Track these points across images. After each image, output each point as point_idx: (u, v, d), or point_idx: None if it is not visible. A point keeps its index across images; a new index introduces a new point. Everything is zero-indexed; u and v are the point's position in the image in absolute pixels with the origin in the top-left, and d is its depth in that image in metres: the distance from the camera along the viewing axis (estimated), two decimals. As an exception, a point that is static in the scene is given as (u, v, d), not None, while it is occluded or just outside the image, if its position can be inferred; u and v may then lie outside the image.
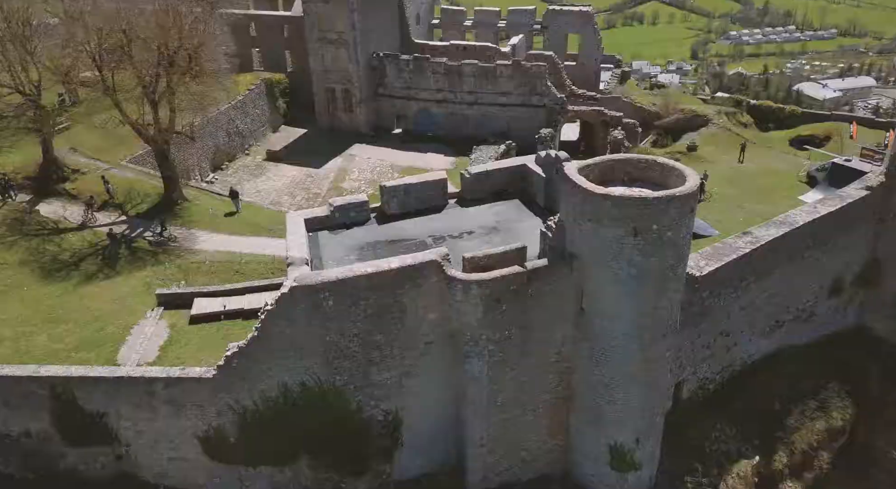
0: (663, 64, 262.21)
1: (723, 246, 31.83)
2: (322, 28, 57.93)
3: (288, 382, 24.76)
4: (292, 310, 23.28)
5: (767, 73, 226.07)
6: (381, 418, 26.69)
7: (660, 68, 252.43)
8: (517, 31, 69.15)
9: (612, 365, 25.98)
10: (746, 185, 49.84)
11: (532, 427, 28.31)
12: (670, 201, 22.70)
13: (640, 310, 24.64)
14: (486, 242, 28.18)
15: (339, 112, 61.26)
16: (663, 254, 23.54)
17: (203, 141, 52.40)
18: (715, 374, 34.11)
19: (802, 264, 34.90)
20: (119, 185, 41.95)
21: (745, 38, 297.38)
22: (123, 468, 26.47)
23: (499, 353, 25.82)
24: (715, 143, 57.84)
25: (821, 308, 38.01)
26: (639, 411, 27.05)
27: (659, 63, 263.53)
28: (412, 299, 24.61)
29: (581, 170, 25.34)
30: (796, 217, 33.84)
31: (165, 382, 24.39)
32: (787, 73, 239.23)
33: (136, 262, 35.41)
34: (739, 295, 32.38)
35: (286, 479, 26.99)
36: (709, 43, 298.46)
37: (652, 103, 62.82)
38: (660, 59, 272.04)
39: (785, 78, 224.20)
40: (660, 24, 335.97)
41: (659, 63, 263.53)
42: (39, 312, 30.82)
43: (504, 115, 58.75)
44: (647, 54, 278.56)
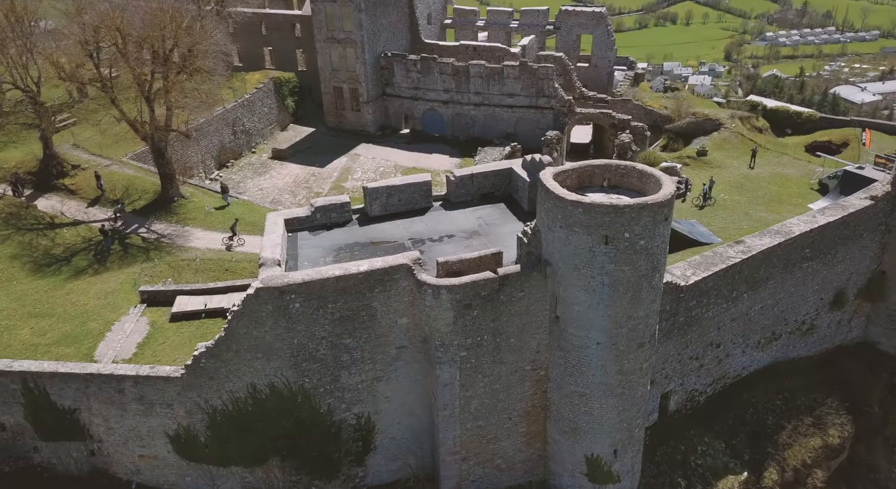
0: (695, 65, 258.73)
1: (713, 255, 31.23)
2: (330, 27, 58.22)
3: (257, 383, 24.87)
4: (258, 312, 23.37)
5: (804, 75, 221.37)
6: (353, 422, 26.69)
7: (691, 70, 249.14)
8: (530, 31, 68.70)
9: (586, 375, 25.62)
10: (755, 191, 48.82)
11: (508, 435, 28.07)
12: (642, 209, 22.30)
13: (614, 319, 24.24)
14: (466, 246, 28.06)
15: (346, 111, 61.51)
16: (636, 263, 23.14)
17: (208, 138, 53.11)
18: (705, 387, 33.50)
19: (800, 275, 34.09)
20: (118, 182, 42.65)
21: (782, 40, 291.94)
22: (96, 464, 26.87)
23: (471, 360, 25.64)
24: (726, 147, 56.79)
25: (822, 321, 37.11)
26: (616, 423, 26.63)
27: (691, 64, 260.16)
28: (382, 303, 24.56)
29: (558, 175, 25.07)
30: (793, 226, 33.05)
31: (134, 380, 24.68)
32: (825, 76, 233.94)
33: (126, 259, 35.95)
34: (730, 306, 31.74)
35: (257, 480, 27.11)
36: (743, 44, 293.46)
37: (663, 106, 61.89)
38: (692, 60, 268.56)
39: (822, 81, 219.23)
40: (693, 24, 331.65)
41: (691, 64, 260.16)
42: (25, 306, 31.43)
43: (511, 117, 58.44)
44: (678, 55, 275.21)
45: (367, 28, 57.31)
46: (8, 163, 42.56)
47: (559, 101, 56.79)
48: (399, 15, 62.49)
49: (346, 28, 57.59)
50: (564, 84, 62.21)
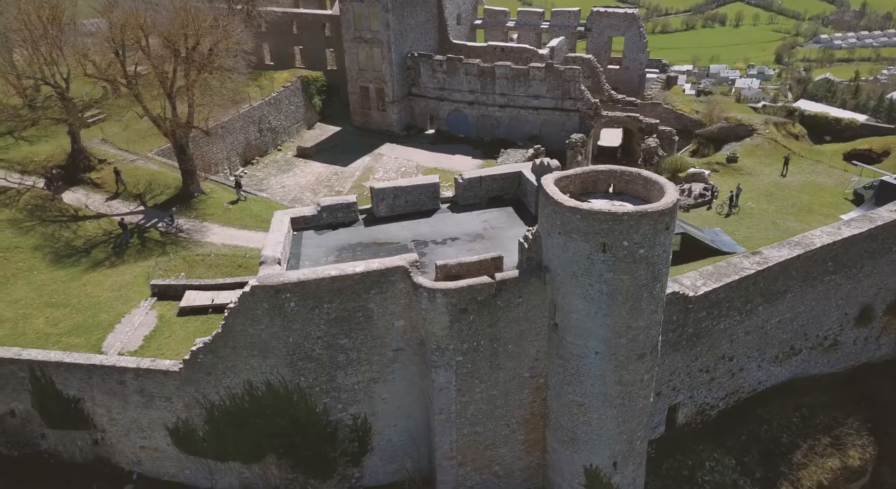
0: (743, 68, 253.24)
1: (726, 265, 30.53)
2: (358, 27, 58.72)
3: (253, 380, 25.25)
4: (254, 310, 23.72)
5: (859, 79, 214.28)
6: (350, 423, 26.88)
7: (738, 72, 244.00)
8: (560, 32, 68.18)
9: (585, 384, 25.30)
10: (785, 200, 47.59)
11: (506, 442, 27.92)
12: (642, 217, 21.91)
13: (613, 329, 23.88)
14: (468, 250, 27.99)
15: (372, 111, 61.95)
16: (636, 272, 22.75)
17: (234, 136, 54.11)
18: (718, 401, 32.76)
19: (822, 289, 33.08)
20: (142, 176, 43.77)
21: (838, 42, 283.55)
22: (100, 453, 27.64)
23: (467, 365, 25.57)
24: (758, 154, 55.44)
25: (846, 337, 35.95)
26: (615, 434, 26.23)
27: (738, 67, 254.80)
28: (379, 305, 24.68)
29: (560, 180, 24.84)
30: (814, 238, 32.07)
31: (135, 373, 25.31)
32: (882, 80, 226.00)
33: (143, 252, 36.87)
34: (744, 318, 30.97)
35: (255, 477, 27.53)
36: (795, 46, 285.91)
37: (694, 111, 60.75)
38: (740, 62, 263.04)
39: (879, 85, 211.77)
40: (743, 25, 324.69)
41: (738, 67, 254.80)
42: (43, 296, 32.50)
43: (536, 119, 58.08)
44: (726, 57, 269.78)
45: (393, 28, 57.62)
46: (39, 156, 44.09)
47: (585, 104, 56.21)
48: (427, 15, 62.67)
49: (374, 28, 58.01)
50: (593, 86, 61.59)
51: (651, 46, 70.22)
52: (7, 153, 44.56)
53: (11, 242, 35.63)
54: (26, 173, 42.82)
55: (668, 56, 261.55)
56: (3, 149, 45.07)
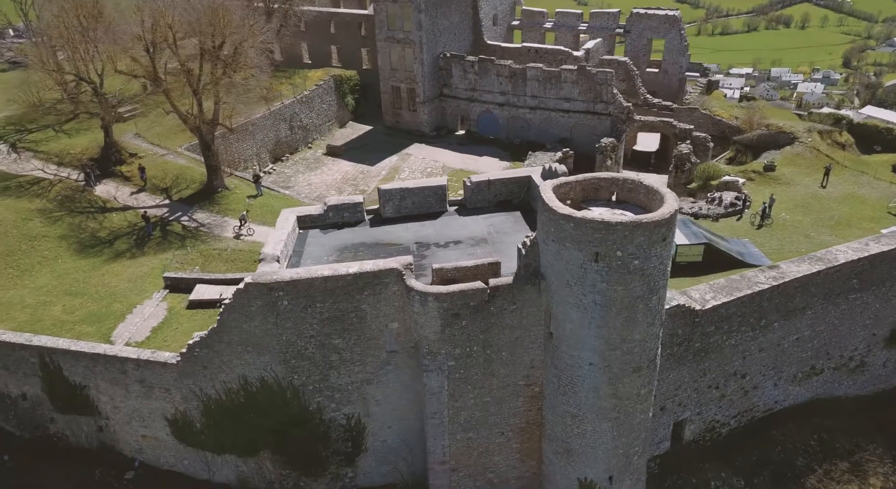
0: (807, 72, 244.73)
1: (740, 279, 29.62)
2: (391, 27, 59.11)
3: (248, 376, 25.70)
4: (248, 307, 24.15)
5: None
6: (344, 423, 27.11)
7: (802, 76, 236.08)
8: (599, 34, 67.33)
9: (579, 395, 24.92)
10: (822, 212, 45.98)
11: (500, 450, 27.74)
12: (636, 228, 21.43)
13: (607, 340, 23.44)
14: (470, 254, 27.90)
15: (403, 111, 62.28)
16: (630, 283, 22.27)
17: (264, 133, 55.17)
18: (729, 418, 31.83)
19: (846, 308, 31.79)
20: (170, 171, 45.06)
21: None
22: (104, 439, 28.58)
23: (460, 370, 25.50)
24: (798, 163, 53.64)
25: (875, 358, 34.46)
26: (611, 448, 25.76)
27: (802, 71, 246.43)
28: (372, 306, 24.81)
29: (561, 186, 24.56)
30: (838, 254, 30.83)
31: (136, 363, 26.08)
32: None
33: (163, 245, 37.94)
34: (758, 335, 30.00)
35: (250, 470, 28.03)
36: (866, 50, 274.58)
37: (734, 116, 59.11)
38: (804, 66, 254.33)
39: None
40: (810, 27, 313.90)
41: (802, 71, 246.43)
42: (64, 284, 33.80)
43: (567, 122, 57.41)
44: (789, 61, 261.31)
45: (426, 28, 57.79)
46: (75, 149, 45.84)
47: (617, 108, 55.30)
48: (462, 16, 62.66)
49: (406, 28, 58.30)
50: (628, 90, 60.61)
51: (710, 48, 69.03)
52: (46, 145, 46.47)
53: (39, 231, 37.16)
54: (62, 165, 44.55)
55: (728, 59, 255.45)
56: (44, 141, 47.02)
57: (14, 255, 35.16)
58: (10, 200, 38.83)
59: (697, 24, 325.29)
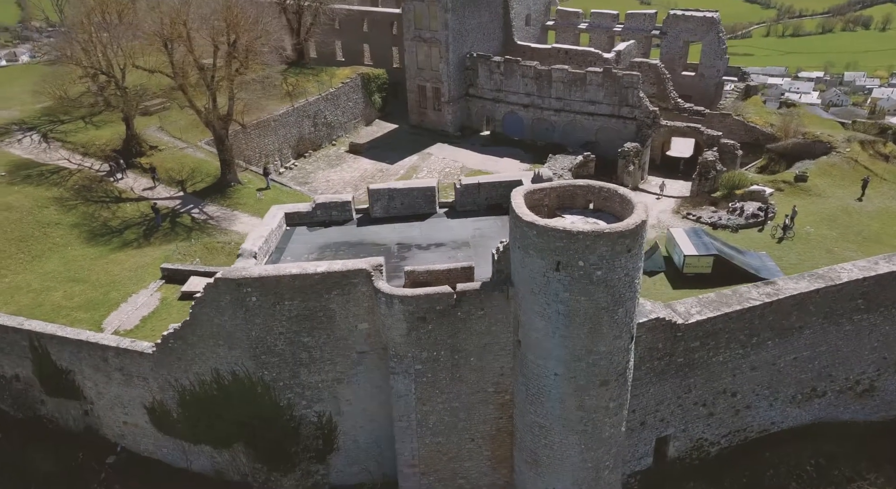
0: (884, 76, 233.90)
1: (731, 294, 28.61)
2: (418, 26, 59.27)
3: (220, 369, 26.24)
4: (219, 301, 24.65)
5: None
6: (315, 420, 27.39)
7: (878, 81, 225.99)
8: (634, 35, 66.00)
9: (545, 406, 24.54)
10: (851, 227, 43.99)
11: (470, 456, 27.56)
12: (598, 237, 20.95)
13: (572, 351, 22.99)
14: (450, 257, 27.82)
15: (428, 110, 62.40)
16: (594, 294, 21.79)
17: (287, 129, 56.13)
18: (719, 438, 30.82)
19: (851, 329, 30.38)
20: (187, 164, 46.34)
21: None
22: (90, 423, 29.64)
23: (427, 374, 25.44)
24: (832, 174, 51.40)
25: (887, 384, 32.86)
26: (578, 461, 25.29)
27: (879, 75, 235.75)
28: (341, 306, 24.97)
29: (535, 192, 24.22)
30: (841, 272, 29.45)
31: (116, 352, 26.95)
32: None
33: (170, 236, 39.04)
34: (749, 352, 28.94)
35: (225, 462, 28.62)
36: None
37: (769, 123, 57.04)
38: (881, 70, 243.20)
39: None
40: (891, 29, 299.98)
41: (879, 75, 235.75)
42: (70, 271, 35.16)
43: (592, 125, 56.49)
44: (865, 64, 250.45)
45: (452, 28, 57.72)
46: (100, 140, 47.62)
47: (643, 112, 54.10)
48: (492, 15, 62.34)
49: (433, 27, 58.36)
50: (658, 94, 59.27)
51: (778, 50, 66.48)
52: (75, 136, 48.40)
53: (53, 219, 38.74)
54: (87, 156, 46.34)
55: (798, 62, 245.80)
56: (73, 132, 48.98)
57: (27, 241, 36.79)
58: (29, 188, 40.62)
59: (767, 25, 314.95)
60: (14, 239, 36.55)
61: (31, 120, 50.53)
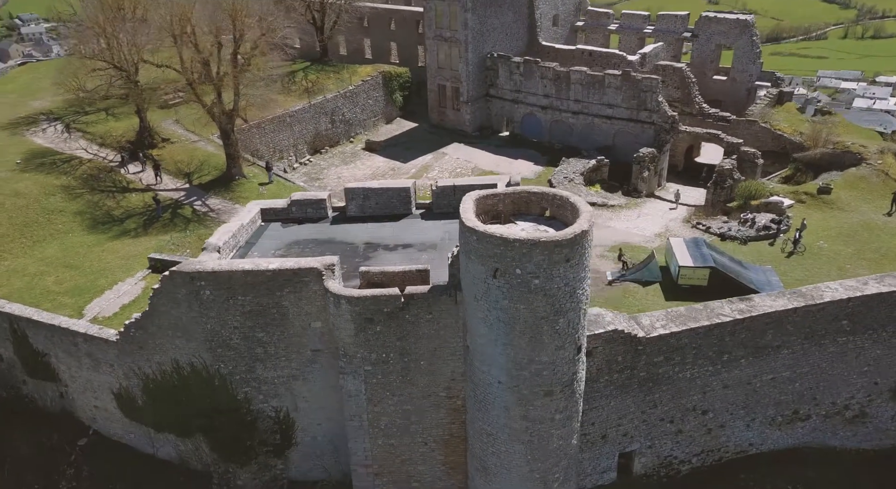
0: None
1: (703, 308, 27.77)
2: (439, 25, 59.40)
3: (179, 360, 26.99)
4: (175, 294, 25.35)
5: None
6: (272, 415, 27.89)
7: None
8: (665, 37, 64.49)
9: (491, 414, 24.42)
10: (869, 244, 41.98)
11: (424, 460, 27.63)
12: (534, 246, 20.74)
13: (514, 360, 22.82)
14: (413, 259, 27.93)
15: (447, 109, 62.47)
16: (532, 303, 21.57)
17: (302, 125, 57.09)
18: (690, 456, 30.00)
19: (835, 351, 29.12)
20: (196, 157, 47.68)
21: None
22: (65, 406, 30.93)
23: (377, 375, 25.61)
24: (860, 187, 49.08)
25: (879, 410, 31.35)
26: (525, 472, 25.06)
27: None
28: (293, 304, 25.36)
29: (488, 197, 24.13)
30: (824, 291, 28.21)
31: (84, 338, 28.04)
32: None
33: (168, 227, 40.21)
34: (720, 370, 28.05)
35: (188, 451, 29.42)
36: None
37: (797, 132, 54.88)
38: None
39: None
40: None
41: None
42: (66, 257, 36.65)
43: (609, 129, 55.53)
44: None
45: (472, 28, 57.62)
46: (117, 131, 49.47)
47: (661, 117, 52.87)
48: (516, 15, 61.93)
49: (453, 27, 58.38)
50: (683, 98, 57.83)
51: (855, 53, 63.71)
52: (94, 127, 50.42)
53: (58, 206, 40.46)
54: (104, 146, 48.22)
55: (876, 66, 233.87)
56: (94, 123, 51.03)
57: (31, 227, 38.55)
58: (40, 176, 42.53)
59: (845, 27, 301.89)
60: (19, 224, 38.35)
61: (58, 110, 52.85)
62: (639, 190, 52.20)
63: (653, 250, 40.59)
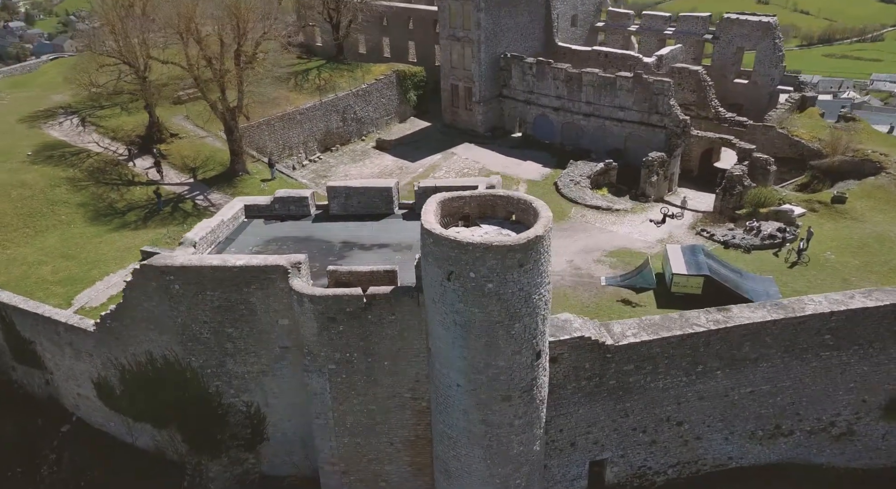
0: None
1: (678, 317, 27.33)
2: (452, 25, 59.44)
3: (153, 352, 27.65)
4: (146, 287, 25.98)
5: None
6: (244, 409, 28.38)
7: None
8: (685, 39, 63.47)
9: (451, 416, 24.47)
10: (879, 256, 40.85)
11: (391, 460, 27.80)
12: (486, 250, 20.70)
13: (471, 363, 22.81)
14: (386, 259, 28.09)
15: (460, 109, 62.50)
16: (487, 307, 21.54)
17: (313, 122, 57.73)
18: (665, 467, 29.58)
19: (818, 366, 28.39)
20: (203, 152, 48.68)
21: None
22: (51, 392, 31.93)
23: (341, 374, 25.85)
24: (877, 197, 47.68)
25: (867, 429, 30.49)
26: (486, 476, 25.05)
27: None
28: (261, 300, 25.76)
29: (454, 200, 24.16)
30: (806, 304, 27.50)
31: (65, 327, 28.91)
32: None
33: (167, 220, 41.18)
34: (695, 381, 27.59)
35: (165, 441, 30.11)
36: None
37: (815, 138, 53.47)
38: None
39: None
40: None
41: None
42: (65, 247, 37.81)
43: (620, 132, 54.90)
44: None
45: (485, 27, 57.54)
46: (128, 125, 50.78)
47: (672, 120, 52.06)
48: (532, 16, 61.61)
49: (466, 26, 58.38)
50: (698, 101, 56.86)
51: None
52: (108, 121, 51.85)
53: (62, 197, 41.75)
54: (115, 140, 49.58)
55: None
56: (108, 117, 52.48)
57: (34, 217, 39.87)
58: (48, 168, 43.94)
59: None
60: (23, 214, 39.70)
61: (76, 104, 54.48)
62: (647, 194, 51.50)
63: (648, 256, 40.09)
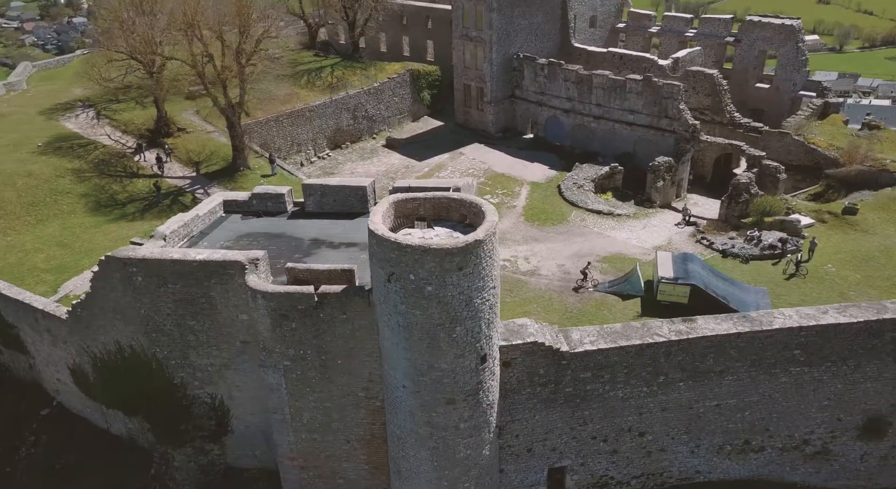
0: None
1: (640, 326, 26.99)
2: (465, 25, 59.60)
3: (121, 342, 28.53)
4: (111, 278, 26.83)
5: None
6: (208, 401, 29.08)
7: None
8: (707, 42, 62.31)
9: (399, 417, 24.73)
10: (883, 270, 39.74)
11: (348, 457, 28.15)
12: (425, 253, 20.88)
13: (414, 365, 23.02)
14: (351, 258, 28.45)
15: (472, 109, 62.58)
16: (427, 309, 21.72)
17: (323, 120, 58.55)
18: (628, 478, 29.28)
19: (787, 381, 27.70)
20: (208, 147, 49.89)
21: None
22: (34, 376, 33.22)
23: (296, 371, 26.27)
24: (892, 209, 46.27)
25: (843, 448, 29.69)
26: (434, 478, 25.24)
27: None
28: (221, 295, 26.36)
29: (409, 201, 24.41)
30: (774, 318, 26.86)
31: (42, 314, 30.04)
32: None
33: (165, 212, 42.26)
34: (657, 392, 27.20)
35: (136, 429, 31.06)
36: None
37: (832, 146, 51.92)
38: None
39: None
40: None
41: None
42: (62, 236, 39.25)
43: (630, 135, 54.23)
44: None
45: (497, 28, 57.49)
46: (139, 119, 52.33)
47: (682, 125, 51.20)
48: (547, 16, 61.28)
49: (479, 26, 58.44)
50: (713, 106, 55.80)
51: None
52: (121, 115, 53.55)
53: (66, 188, 43.31)
54: (126, 133, 51.18)
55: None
56: (121, 111, 54.20)
57: (37, 206, 41.48)
58: (55, 158, 45.63)
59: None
60: (26, 203, 41.34)
61: (94, 98, 56.37)
62: (652, 200, 50.78)
63: (637, 263, 39.57)
